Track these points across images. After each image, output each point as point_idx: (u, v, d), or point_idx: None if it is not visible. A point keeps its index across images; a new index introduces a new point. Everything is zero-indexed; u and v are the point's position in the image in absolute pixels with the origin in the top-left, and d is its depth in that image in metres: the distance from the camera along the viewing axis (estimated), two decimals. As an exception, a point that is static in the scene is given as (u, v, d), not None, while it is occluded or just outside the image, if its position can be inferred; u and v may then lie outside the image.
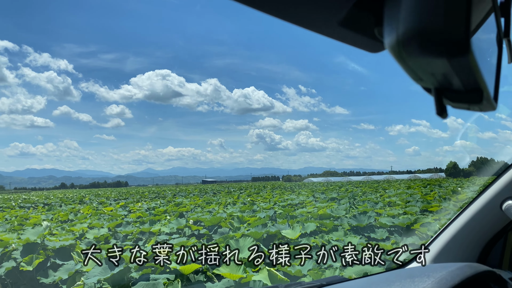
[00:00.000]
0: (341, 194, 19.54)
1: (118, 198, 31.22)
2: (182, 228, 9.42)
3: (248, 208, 12.27)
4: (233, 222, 8.81)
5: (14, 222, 12.69)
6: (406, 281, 1.42)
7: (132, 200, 24.74)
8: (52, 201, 29.79)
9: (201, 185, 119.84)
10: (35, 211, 18.24)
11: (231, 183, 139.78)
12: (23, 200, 34.05)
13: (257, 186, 58.64)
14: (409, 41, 0.47)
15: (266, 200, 18.70)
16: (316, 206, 13.53)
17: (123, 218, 11.87)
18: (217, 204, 16.64)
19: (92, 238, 8.82)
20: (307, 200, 16.91)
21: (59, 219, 13.49)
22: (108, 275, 5.08)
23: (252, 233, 6.68)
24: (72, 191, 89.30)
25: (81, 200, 29.31)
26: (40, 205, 25.50)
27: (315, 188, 37.68)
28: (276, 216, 10.91)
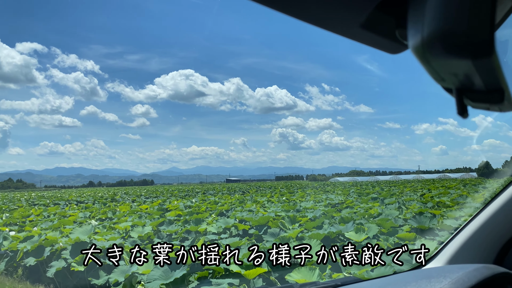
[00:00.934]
0: (382, 194, 18.82)
1: (149, 196, 31.28)
2: (229, 228, 9.04)
3: (291, 208, 11.78)
4: (284, 222, 8.33)
5: (54, 220, 12.61)
6: (422, 282, 1.42)
7: (164, 198, 24.63)
8: (85, 199, 30.06)
9: (226, 183, 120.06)
10: (71, 209, 18.25)
11: (255, 182, 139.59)
12: (56, 197, 34.57)
13: (284, 185, 58.07)
14: (433, 42, 0.50)
15: (302, 199, 18.17)
16: (360, 206, 12.95)
17: (163, 216, 11.60)
18: (254, 203, 16.23)
19: (137, 237, 8.53)
20: (347, 200, 16.28)
21: (98, 217, 13.35)
22: (170, 279, 4.70)
23: (314, 235, 6.20)
24: (100, 189, 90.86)
25: (113, 198, 29.46)
26: (73, 203, 25.72)
27: (345, 187, 36.87)
28: (322, 217, 10.40)
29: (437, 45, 0.49)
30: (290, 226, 8.28)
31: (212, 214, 11.76)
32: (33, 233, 8.30)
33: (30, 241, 7.59)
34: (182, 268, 4.88)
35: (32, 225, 11.52)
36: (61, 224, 11.06)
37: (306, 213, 10.75)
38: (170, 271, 4.91)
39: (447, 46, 0.48)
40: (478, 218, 2.15)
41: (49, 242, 7.41)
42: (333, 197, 18.51)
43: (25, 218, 13.96)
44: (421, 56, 0.53)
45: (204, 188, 52.20)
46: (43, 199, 31.04)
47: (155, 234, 9.39)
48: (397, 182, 53.61)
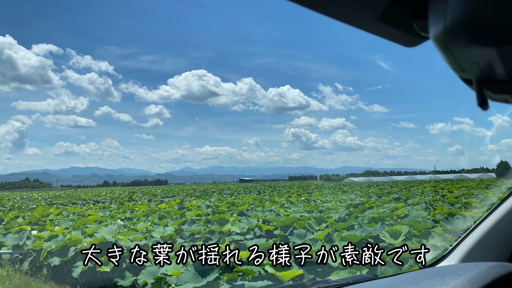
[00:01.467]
0: (405, 194, 18.42)
1: (165, 195, 31.30)
2: (252, 228, 8.84)
3: (314, 208, 11.53)
4: (311, 223, 8.10)
5: (74, 219, 12.58)
6: (436, 279, 1.42)
7: (181, 198, 24.58)
8: (102, 198, 30.21)
9: (239, 183, 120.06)
10: (89, 208, 18.28)
11: (268, 182, 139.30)
12: (73, 197, 34.86)
13: (298, 185, 57.70)
14: (456, 31, 0.50)
15: (322, 199, 17.90)
16: (384, 206, 12.63)
17: (184, 216, 11.46)
18: (273, 203, 16.01)
19: (159, 237, 8.39)
20: (369, 200, 15.95)
21: (117, 216, 13.28)
22: (202, 282, 4.51)
23: (350, 236, 5.96)
24: (116, 189, 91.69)
25: (130, 197, 29.55)
26: (90, 202, 25.85)
27: (362, 188, 36.41)
28: (345, 218, 10.13)
29: (460, 33, 0.49)
30: (316, 227, 8.04)
31: (233, 214, 11.58)
32: (56, 233, 8.22)
33: (55, 241, 7.50)
34: (214, 270, 4.69)
35: (53, 224, 11.50)
36: (82, 224, 11.00)
37: (329, 213, 10.49)
38: (201, 273, 4.73)
39: (471, 34, 0.49)
40: (491, 216, 2.14)
41: (73, 241, 7.31)
42: (353, 197, 18.19)
43: (45, 217, 13.97)
44: (443, 45, 0.53)
45: (218, 188, 52.17)
46: (60, 199, 31.31)
47: (177, 234, 9.25)
48: (414, 183, 52.80)
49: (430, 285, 1.39)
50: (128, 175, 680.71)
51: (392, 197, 16.91)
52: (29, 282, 6.70)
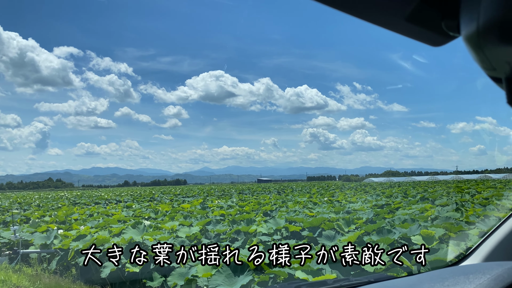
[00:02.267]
0: (430, 195, 17.96)
1: (185, 195, 31.41)
2: (279, 229, 8.68)
3: (340, 209, 11.30)
4: (341, 224, 7.89)
5: (99, 219, 12.65)
6: (460, 278, 1.42)
7: (202, 198, 24.58)
8: (124, 198, 30.50)
9: (257, 184, 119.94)
10: (112, 208, 18.41)
11: (287, 182, 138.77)
12: (96, 197, 35.31)
13: (318, 185, 57.21)
14: (489, 30, 0.50)
15: (345, 200, 17.60)
16: (411, 207, 12.30)
17: (208, 216, 11.38)
18: (296, 204, 15.81)
19: (184, 237, 8.31)
20: (394, 201, 15.60)
21: (141, 216, 13.29)
22: (236, 285, 4.38)
23: (383, 239, 5.74)
24: (136, 188, 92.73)
25: (151, 197, 29.74)
26: (113, 202, 26.11)
27: (383, 188, 35.82)
28: (373, 219, 9.87)
29: (493, 33, 0.50)
30: (346, 228, 7.83)
31: (257, 214, 11.44)
32: (83, 232, 8.22)
33: (82, 240, 7.50)
34: (246, 273, 4.55)
35: (78, 223, 11.57)
36: (107, 223, 11.03)
37: (356, 214, 10.25)
38: (234, 276, 4.59)
39: (504, 34, 0.49)
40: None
41: (100, 241, 7.28)
42: (377, 198, 17.83)
43: (70, 216, 14.10)
44: (474, 44, 0.53)
45: (237, 188, 52.15)
46: (83, 198, 31.75)
47: (203, 234, 9.16)
48: (437, 183, 51.74)
49: (454, 283, 1.39)
50: (148, 175, 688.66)
51: (418, 197, 16.50)
52: (59, 282, 6.69)
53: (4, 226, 13.06)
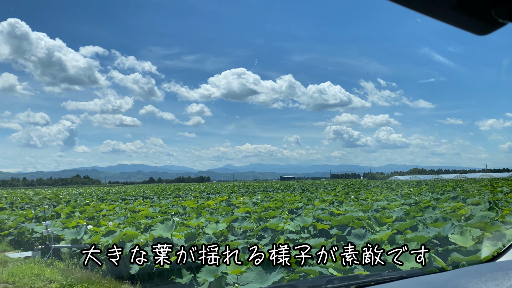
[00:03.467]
0: (461, 193, 17.47)
1: (210, 192, 31.61)
2: (307, 227, 8.57)
3: (368, 207, 11.08)
4: (371, 223, 7.71)
5: (126, 214, 12.82)
6: (498, 274, 1.40)
7: (226, 195, 24.67)
8: (150, 194, 30.93)
9: (280, 181, 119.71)
10: (139, 204, 18.65)
11: (310, 180, 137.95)
12: (123, 193, 35.95)
13: (343, 183, 56.62)
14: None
15: (372, 198, 17.30)
16: (442, 206, 11.96)
17: (234, 213, 11.37)
18: (321, 202, 15.64)
19: (211, 234, 8.29)
20: (423, 199, 15.22)
21: (168, 212, 13.41)
22: (267, 282, 4.30)
23: (417, 237, 5.55)
24: (161, 185, 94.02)
25: (177, 194, 30.06)
26: (139, 198, 26.51)
27: (410, 186, 35.11)
28: (403, 217, 9.62)
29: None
30: (377, 227, 7.65)
31: (283, 212, 11.35)
32: (112, 228, 8.32)
33: (112, 236, 7.57)
34: (278, 270, 4.47)
35: (106, 219, 11.76)
36: (134, 219, 11.16)
37: (385, 213, 10.02)
38: (265, 273, 4.52)
39: None
40: None
41: (129, 237, 7.34)
42: (405, 196, 17.45)
43: (98, 212, 14.34)
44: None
45: (261, 185, 52.15)
46: (110, 195, 32.36)
47: (229, 230, 9.14)
48: (466, 181, 50.38)
49: (493, 279, 1.37)
50: (172, 172, 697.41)
51: (448, 196, 16.05)
52: (90, 276, 6.79)
53: (36, 221, 13.41)
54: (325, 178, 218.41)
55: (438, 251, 5.75)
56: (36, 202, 24.46)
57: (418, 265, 3.87)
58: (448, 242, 6.22)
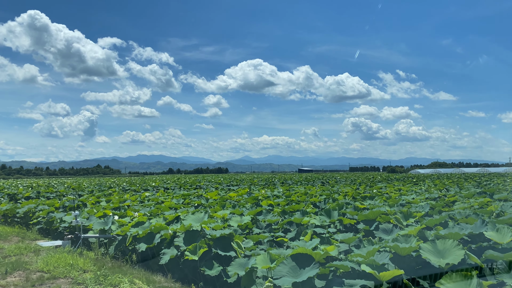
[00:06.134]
0: (488, 188, 17.09)
1: (229, 184, 31.77)
2: (333, 221, 8.53)
3: (394, 202, 10.95)
4: (399, 218, 7.62)
5: (150, 206, 13.00)
6: None
7: (247, 187, 24.74)
8: (171, 185, 31.27)
9: (299, 173, 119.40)
10: (162, 195, 18.88)
11: (329, 173, 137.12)
12: (144, 183, 36.45)
13: (363, 176, 56.10)
14: None
15: (396, 192, 17.09)
16: (468, 201, 11.72)
17: (258, 205, 11.39)
18: (343, 195, 15.54)
19: (236, 226, 8.34)
20: (448, 194, 14.97)
21: (190, 203, 13.54)
22: (302, 277, 4.30)
23: (451, 235, 5.46)
24: (181, 176, 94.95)
25: (197, 185, 30.31)
26: (161, 189, 26.83)
27: (432, 180, 34.54)
28: (429, 212, 9.48)
29: None
30: (404, 222, 7.55)
31: (307, 205, 11.32)
32: (139, 219, 8.44)
33: (142, 227, 7.70)
34: (313, 265, 4.47)
35: (131, 210, 11.94)
36: (159, 210, 11.31)
37: (411, 207, 9.89)
38: (299, 268, 4.52)
39: None
40: None
41: (158, 228, 7.44)
42: (430, 190, 17.18)
43: (122, 203, 14.59)
44: None
45: (280, 178, 52.12)
46: (132, 185, 32.85)
47: (254, 223, 9.17)
48: (489, 175, 49.25)
49: None
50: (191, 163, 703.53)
51: (474, 191, 15.72)
52: (121, 267, 6.92)
53: (63, 211, 13.72)
54: (344, 171, 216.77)
55: (471, 248, 5.64)
56: (62, 191, 25.01)
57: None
58: (480, 239, 6.11)
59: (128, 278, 5.85)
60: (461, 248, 4.92)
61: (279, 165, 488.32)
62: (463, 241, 6.41)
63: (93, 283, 5.73)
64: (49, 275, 6.34)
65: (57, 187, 30.70)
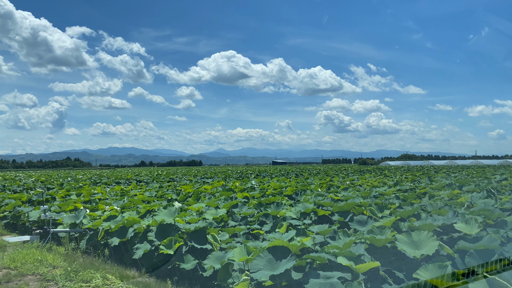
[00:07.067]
0: (457, 180, 17.62)
1: (204, 176, 31.54)
2: (308, 213, 8.56)
3: (366, 193, 11.10)
4: (374, 210, 7.71)
5: (123, 199, 12.72)
6: None
7: (221, 179, 24.62)
8: (143, 178, 30.78)
9: (273, 166, 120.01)
10: (134, 188, 18.54)
11: (302, 165, 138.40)
12: (115, 176, 35.74)
13: (335, 168, 56.88)
14: None
15: (368, 184, 17.37)
16: (438, 193, 12.04)
17: (233, 198, 11.32)
18: (317, 187, 15.67)
19: (211, 219, 8.25)
20: (419, 186, 15.33)
21: (164, 196, 13.33)
22: (279, 269, 4.27)
23: (425, 226, 5.56)
24: (154, 169, 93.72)
25: (170, 178, 29.94)
26: (133, 182, 26.36)
27: (401, 172, 35.37)
28: (401, 204, 9.65)
29: None
30: (379, 213, 7.65)
31: (282, 198, 11.33)
32: (113, 213, 8.23)
33: (114, 221, 7.49)
34: (290, 257, 4.44)
35: (103, 203, 11.65)
36: (132, 204, 11.07)
37: (384, 199, 10.05)
38: (275, 261, 4.49)
39: None
40: None
41: (131, 222, 7.27)
42: (400, 182, 17.55)
43: (93, 196, 14.22)
44: None
45: (254, 170, 52.18)
46: (103, 178, 32.13)
47: (229, 216, 9.11)
48: (456, 168, 50.89)
49: None
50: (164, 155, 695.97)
51: (444, 183, 16.17)
52: (93, 262, 6.72)
53: (30, 205, 13.25)
54: (317, 163, 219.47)
55: (443, 239, 5.77)
56: (29, 185, 24.20)
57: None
58: (452, 230, 6.25)
59: (100, 273, 5.68)
60: (435, 239, 5.01)
61: (253, 158, 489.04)
62: (435, 232, 6.55)
63: (64, 280, 5.53)
64: (16, 272, 6.08)
65: (24, 180, 29.69)
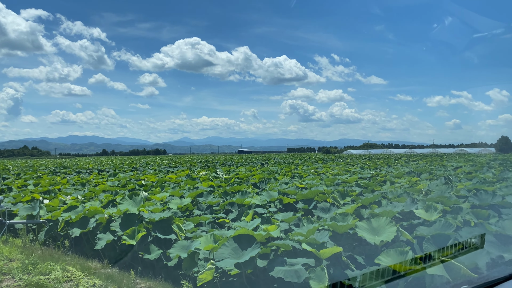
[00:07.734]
0: (416, 168, 18.28)
1: (168, 165, 31.14)
2: (273, 201, 8.64)
3: (330, 181, 11.33)
4: (336, 197, 7.88)
5: (84, 189, 12.37)
6: None
7: (186, 168, 24.39)
8: (105, 167, 30.02)
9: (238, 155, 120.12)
10: (95, 178, 18.05)
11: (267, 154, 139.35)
12: (76, 166, 34.66)
13: (300, 157, 57.63)
14: None
15: (330, 172, 17.72)
16: (398, 180, 12.47)
17: (198, 187, 11.25)
18: (282, 175, 15.83)
19: (176, 209, 8.18)
20: (379, 173, 15.79)
21: (127, 186, 13.07)
22: (244, 257, 4.29)
23: (385, 212, 5.73)
24: (116, 158, 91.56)
25: (133, 167, 29.37)
26: (95, 171, 25.65)
27: (364, 160, 36.34)
28: (363, 191, 9.92)
29: None
30: (341, 201, 7.83)
31: (248, 186, 11.37)
32: (73, 203, 7.98)
33: (75, 212, 7.27)
34: (254, 245, 4.47)
35: (63, 193, 11.28)
36: (93, 194, 10.79)
37: (346, 186, 10.29)
38: (241, 249, 4.51)
39: None
40: None
41: (93, 212, 7.08)
42: (362, 170, 18.02)
43: (52, 186, 13.74)
44: None
45: (220, 159, 52.09)
46: (63, 168, 31.09)
47: (194, 205, 9.05)
48: (416, 156, 52.86)
49: None
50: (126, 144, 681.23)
51: (403, 170, 16.74)
52: (52, 254, 6.50)
53: (-16, 196, 12.63)
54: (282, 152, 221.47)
55: (403, 226, 5.98)
56: (-18, 175, 23.03)
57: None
58: (411, 216, 6.49)
59: (60, 265, 5.51)
60: (393, 225, 5.18)
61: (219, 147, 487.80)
62: (395, 218, 6.79)
63: (21, 273, 5.33)
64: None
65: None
